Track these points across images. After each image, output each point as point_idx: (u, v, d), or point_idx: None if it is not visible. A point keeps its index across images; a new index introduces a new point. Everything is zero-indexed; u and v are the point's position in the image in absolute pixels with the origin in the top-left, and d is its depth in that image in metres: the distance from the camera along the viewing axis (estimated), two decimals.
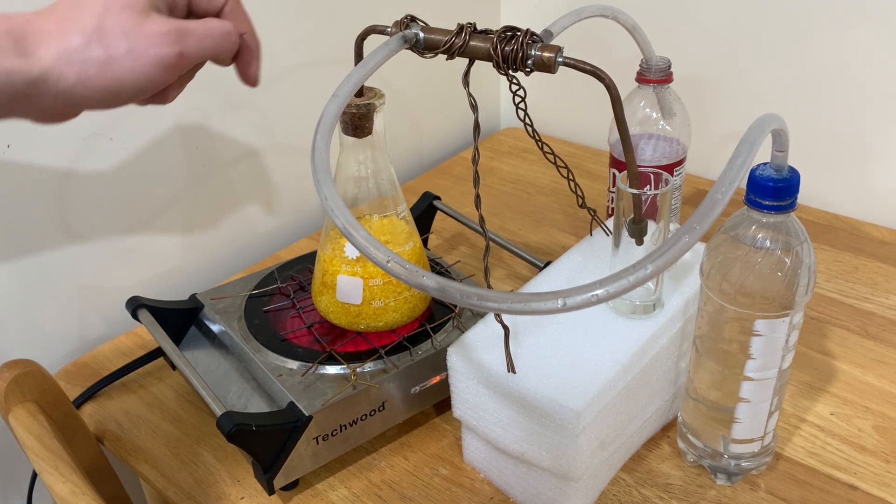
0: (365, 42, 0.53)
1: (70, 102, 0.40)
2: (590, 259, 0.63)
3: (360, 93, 0.56)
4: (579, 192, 0.60)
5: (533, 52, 0.44)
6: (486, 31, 0.46)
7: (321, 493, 0.59)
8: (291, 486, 0.59)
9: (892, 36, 0.82)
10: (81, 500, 0.50)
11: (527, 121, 0.53)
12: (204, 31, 0.43)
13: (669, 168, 0.75)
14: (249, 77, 0.49)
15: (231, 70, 0.49)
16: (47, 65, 0.38)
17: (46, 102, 0.39)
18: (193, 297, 0.69)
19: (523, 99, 0.51)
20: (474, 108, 0.47)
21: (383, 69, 0.47)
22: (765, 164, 0.48)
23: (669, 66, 0.71)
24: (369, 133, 0.57)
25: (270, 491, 0.57)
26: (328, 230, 0.62)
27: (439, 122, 1.11)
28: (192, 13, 0.46)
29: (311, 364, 0.60)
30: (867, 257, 0.84)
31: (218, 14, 0.47)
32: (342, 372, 0.59)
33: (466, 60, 0.47)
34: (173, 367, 0.66)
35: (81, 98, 0.40)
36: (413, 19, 0.48)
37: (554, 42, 0.45)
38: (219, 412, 0.53)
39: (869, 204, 0.91)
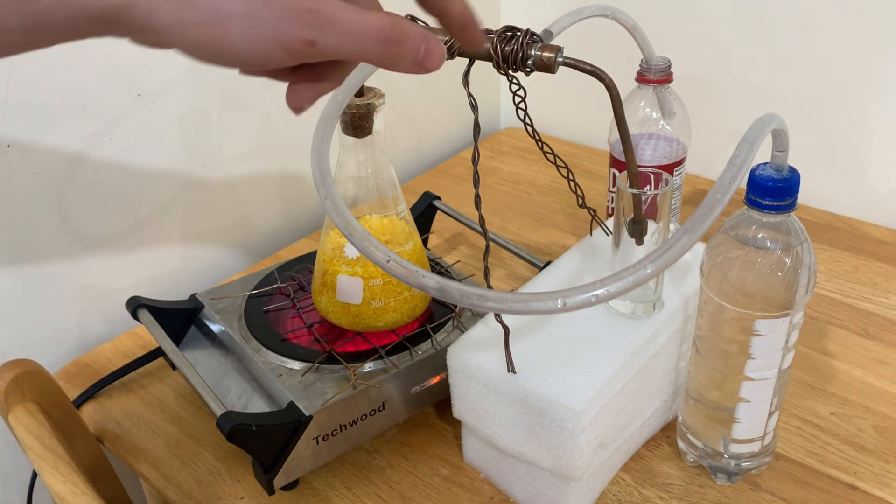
0: None
1: (161, 41, 0.33)
2: (590, 259, 0.63)
3: (360, 93, 0.56)
4: (579, 192, 0.60)
5: (533, 52, 0.44)
6: (486, 31, 0.46)
7: (321, 493, 0.59)
8: (291, 486, 0.59)
9: (892, 36, 0.82)
10: (81, 500, 0.50)
11: (527, 121, 0.53)
12: (353, 27, 0.33)
13: (669, 168, 0.75)
14: (474, 44, 0.40)
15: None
16: None
17: (133, 33, 0.33)
18: (193, 297, 0.69)
19: (523, 99, 0.51)
20: (474, 108, 0.47)
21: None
22: (765, 164, 0.48)
23: (669, 66, 0.71)
24: (369, 133, 0.57)
25: (270, 491, 0.57)
26: (328, 230, 0.62)
27: (439, 122, 1.11)
28: None
29: (311, 364, 0.60)
30: (867, 257, 0.84)
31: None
32: (342, 372, 0.59)
33: (466, 60, 0.47)
34: (173, 367, 0.66)
35: (175, 42, 0.33)
36: (413, 19, 0.48)
37: (554, 42, 0.45)
38: (219, 412, 0.53)
39: (869, 204, 0.91)
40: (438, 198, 0.80)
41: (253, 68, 0.35)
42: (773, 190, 0.47)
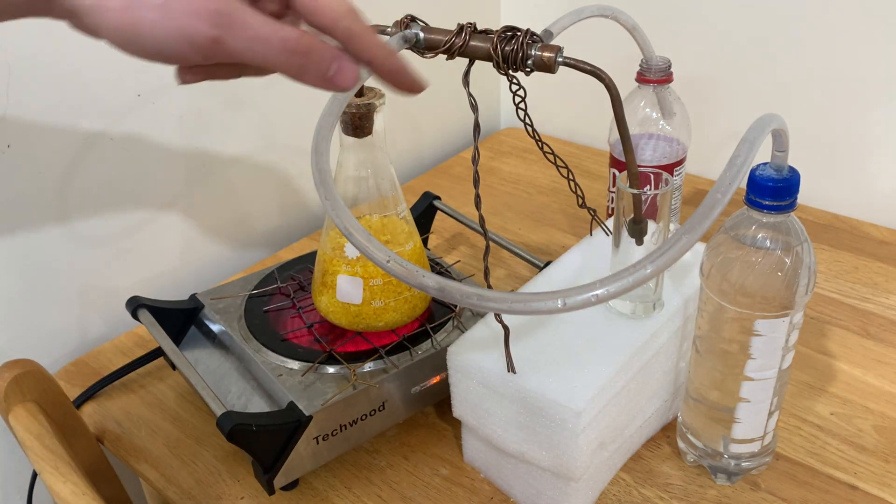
0: None
1: (86, 24, 0.35)
2: (590, 259, 0.63)
3: (360, 93, 0.56)
4: (579, 192, 0.60)
5: (533, 52, 0.44)
6: (486, 31, 0.46)
7: (321, 493, 0.59)
8: (291, 486, 0.59)
9: (891, 36, 0.82)
10: (81, 500, 0.50)
11: (527, 121, 0.53)
12: (259, 33, 0.35)
13: (669, 168, 0.75)
14: (404, 87, 0.43)
15: None
16: None
17: (62, 13, 0.35)
18: (193, 297, 0.69)
19: (523, 99, 0.51)
20: (474, 108, 0.47)
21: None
22: (765, 164, 0.48)
23: (669, 66, 0.71)
24: (369, 133, 0.57)
25: (271, 491, 0.57)
26: (328, 230, 0.62)
27: (439, 122, 1.11)
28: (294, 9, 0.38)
29: (311, 364, 0.60)
30: (867, 257, 0.84)
31: (326, 26, 0.38)
32: (342, 372, 0.59)
33: (466, 60, 0.47)
34: (173, 367, 0.66)
35: (94, 24, 0.34)
36: (413, 19, 0.48)
37: (554, 42, 0.45)
38: (219, 412, 0.53)
39: (869, 204, 0.91)
40: (438, 198, 0.80)
41: (167, 60, 0.36)
42: (773, 190, 0.47)
